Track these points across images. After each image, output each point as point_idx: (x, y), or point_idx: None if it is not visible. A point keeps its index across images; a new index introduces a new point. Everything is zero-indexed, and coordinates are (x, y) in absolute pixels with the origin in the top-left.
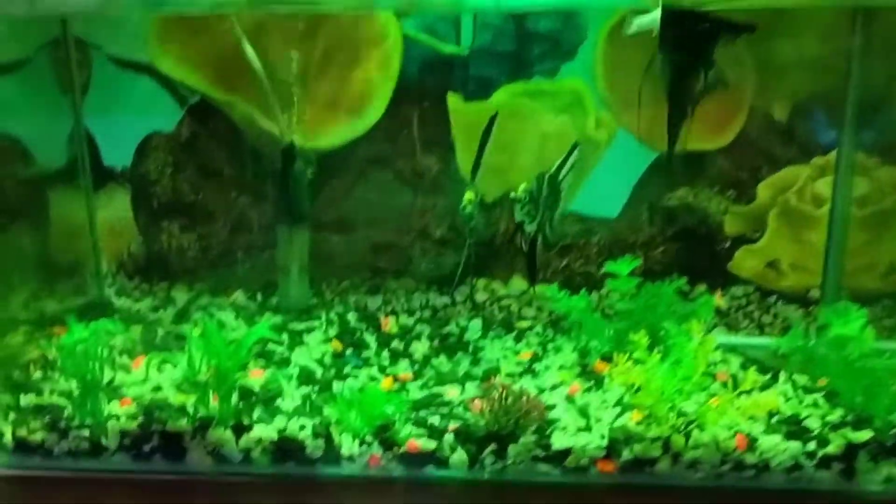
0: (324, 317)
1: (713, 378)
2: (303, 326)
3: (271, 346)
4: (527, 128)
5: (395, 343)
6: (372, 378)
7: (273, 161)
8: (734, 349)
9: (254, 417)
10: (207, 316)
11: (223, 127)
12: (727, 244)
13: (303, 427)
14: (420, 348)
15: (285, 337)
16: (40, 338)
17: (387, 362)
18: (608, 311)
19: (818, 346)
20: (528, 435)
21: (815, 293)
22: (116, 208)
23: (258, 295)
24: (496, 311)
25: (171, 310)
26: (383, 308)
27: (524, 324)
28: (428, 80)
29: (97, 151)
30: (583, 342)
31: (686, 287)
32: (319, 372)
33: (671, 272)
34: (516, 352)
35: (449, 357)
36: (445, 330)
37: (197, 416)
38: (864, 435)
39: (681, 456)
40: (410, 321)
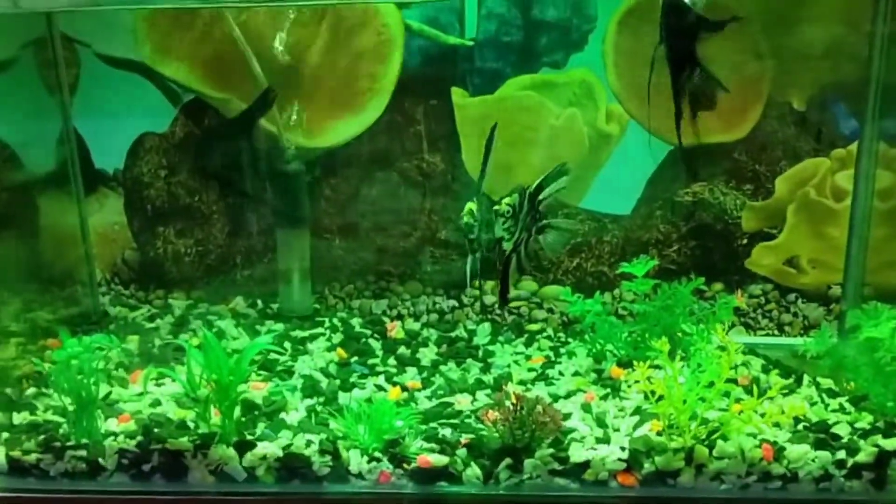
0: (327, 322)
1: (735, 383)
2: (306, 334)
3: (273, 356)
4: (535, 122)
5: (402, 349)
6: (379, 388)
7: (271, 161)
8: (754, 349)
9: (257, 433)
10: (206, 326)
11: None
12: (745, 240)
13: (309, 443)
14: (428, 354)
15: (288, 345)
16: (33, 352)
17: (394, 370)
18: (623, 313)
19: (846, 349)
20: (544, 448)
21: (837, 290)
22: (109, 213)
23: (259, 301)
24: (506, 314)
25: (169, 319)
26: (389, 312)
27: (535, 327)
28: (431, 74)
29: (87, 154)
30: (598, 347)
31: (703, 286)
32: (324, 382)
33: (687, 270)
34: (528, 356)
35: (458, 363)
36: (453, 334)
37: (198, 433)
38: None
39: (705, 467)
40: (417, 326)
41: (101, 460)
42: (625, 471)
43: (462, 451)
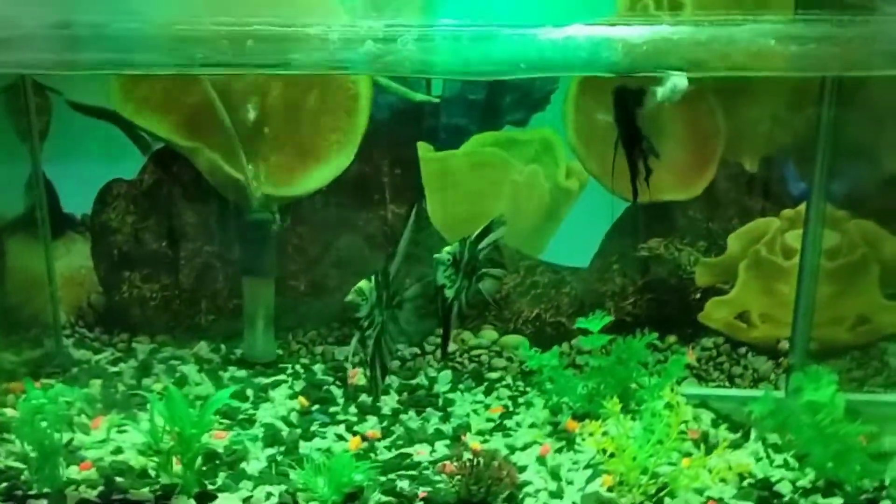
0: (290, 369)
1: (685, 436)
2: (268, 381)
3: (236, 403)
4: (499, 177)
5: (363, 397)
6: (339, 437)
7: (238, 210)
8: (705, 401)
9: (218, 482)
10: (170, 371)
11: (187, 174)
12: (698, 295)
13: (269, 495)
14: (389, 402)
15: (250, 392)
16: None
17: (354, 419)
18: (580, 364)
19: (789, 410)
20: (500, 503)
21: (785, 345)
22: (76, 257)
23: (222, 346)
24: (466, 362)
25: (132, 362)
26: (350, 359)
27: (494, 375)
28: (398, 128)
29: (56, 199)
30: (554, 400)
31: (657, 341)
32: (286, 431)
33: (642, 323)
34: (487, 406)
35: (418, 412)
36: (414, 381)
37: (160, 484)
38: (836, 502)
39: None
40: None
41: None
42: None
43: None
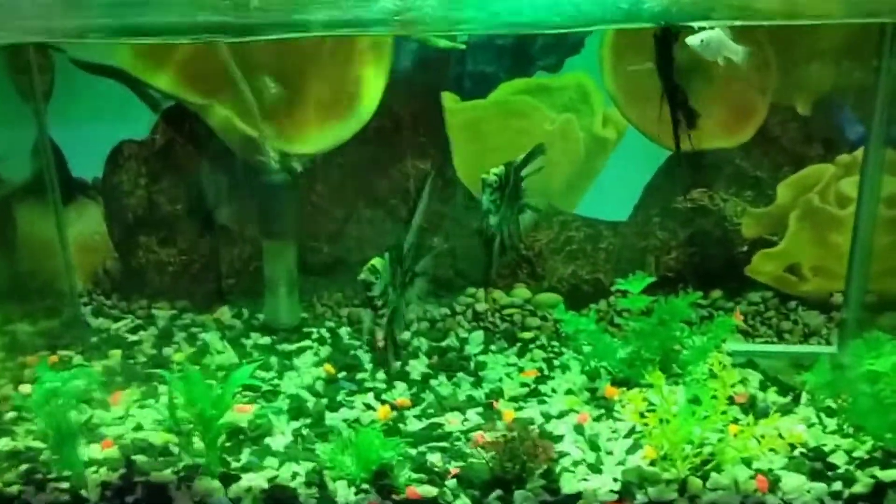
0: (315, 333)
1: (732, 400)
2: (293, 347)
3: (259, 373)
4: (529, 127)
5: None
6: (367, 406)
7: (255, 170)
8: (751, 359)
9: (243, 459)
10: (191, 340)
11: (200, 133)
12: (744, 248)
13: (295, 475)
14: (418, 367)
15: (274, 360)
16: (12, 369)
17: (382, 386)
18: (619, 321)
19: (846, 379)
20: (535, 479)
21: (839, 298)
22: (89, 223)
23: (244, 311)
24: (498, 322)
25: (153, 330)
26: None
27: (528, 335)
28: (421, 78)
29: (64, 163)
30: (592, 364)
31: (701, 300)
32: (311, 402)
33: (685, 279)
34: (520, 368)
35: (448, 377)
36: (444, 343)
37: (182, 465)
38: (894, 473)
39: (698, 499)
40: (407, 335)
41: (84, 492)
42: (617, 502)
43: (451, 482)
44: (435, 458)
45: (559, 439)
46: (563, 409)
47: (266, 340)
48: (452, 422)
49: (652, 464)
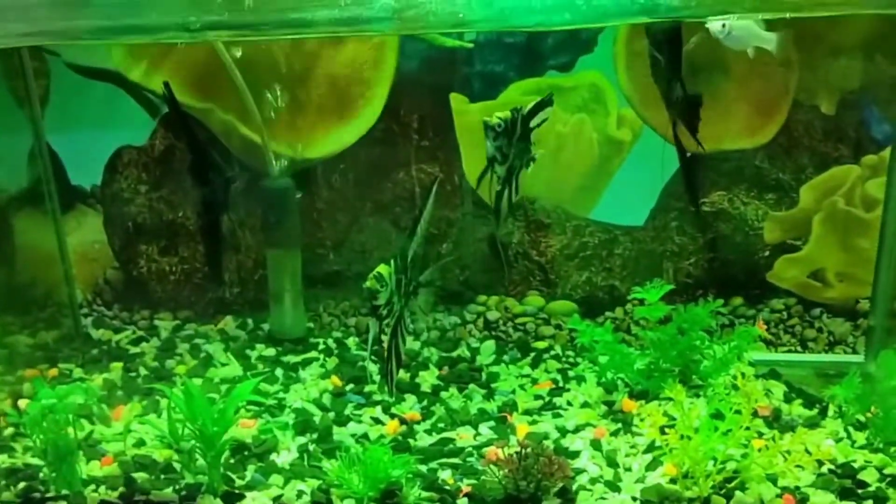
0: (321, 344)
1: (755, 414)
2: (298, 359)
3: (264, 385)
4: (541, 129)
5: (401, 373)
6: (375, 420)
7: (257, 176)
8: (773, 370)
9: (247, 476)
10: (194, 352)
11: (201, 138)
12: (766, 253)
13: (301, 493)
14: (428, 378)
15: (279, 373)
16: (10, 383)
17: (392, 398)
18: (635, 334)
19: (876, 394)
20: (551, 498)
21: (865, 305)
22: (88, 231)
23: (249, 321)
24: (511, 331)
25: (155, 342)
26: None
27: (542, 344)
28: (428, 79)
29: (63, 170)
30: (608, 376)
31: (721, 307)
32: (318, 416)
33: (704, 285)
34: (534, 380)
35: (459, 389)
36: (455, 354)
37: (183, 483)
38: None
39: None
40: (417, 345)
41: None
42: None
43: (463, 501)
44: (446, 475)
45: (575, 455)
46: (579, 423)
47: (271, 352)
48: (464, 436)
49: (673, 481)
